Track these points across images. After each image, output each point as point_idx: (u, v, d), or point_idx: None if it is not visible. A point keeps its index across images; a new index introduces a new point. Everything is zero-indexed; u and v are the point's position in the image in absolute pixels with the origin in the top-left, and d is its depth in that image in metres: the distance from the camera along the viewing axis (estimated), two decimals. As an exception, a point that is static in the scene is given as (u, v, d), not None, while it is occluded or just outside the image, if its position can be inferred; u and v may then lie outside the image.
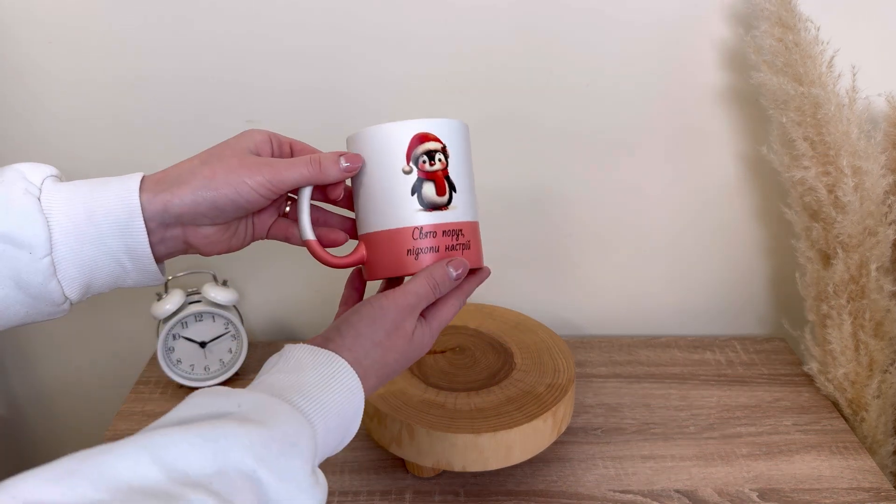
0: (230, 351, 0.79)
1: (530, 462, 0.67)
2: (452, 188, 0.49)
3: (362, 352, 0.45)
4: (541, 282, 0.87)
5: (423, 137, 0.48)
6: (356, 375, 0.43)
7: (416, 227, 0.48)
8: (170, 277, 0.77)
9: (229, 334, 0.79)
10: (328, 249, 0.50)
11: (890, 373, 0.73)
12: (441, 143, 0.49)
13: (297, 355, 0.43)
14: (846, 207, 0.69)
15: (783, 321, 0.87)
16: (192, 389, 0.79)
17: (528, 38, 0.75)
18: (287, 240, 0.53)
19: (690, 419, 0.74)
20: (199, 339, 0.78)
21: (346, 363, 0.43)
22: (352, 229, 0.53)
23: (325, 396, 0.41)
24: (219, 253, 0.50)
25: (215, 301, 0.76)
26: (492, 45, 0.75)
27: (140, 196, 0.45)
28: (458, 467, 0.61)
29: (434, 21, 0.74)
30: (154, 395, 0.79)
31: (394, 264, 0.49)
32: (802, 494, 0.64)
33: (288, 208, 0.54)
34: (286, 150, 0.51)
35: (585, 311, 0.90)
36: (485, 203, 0.83)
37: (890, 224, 0.70)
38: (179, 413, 0.37)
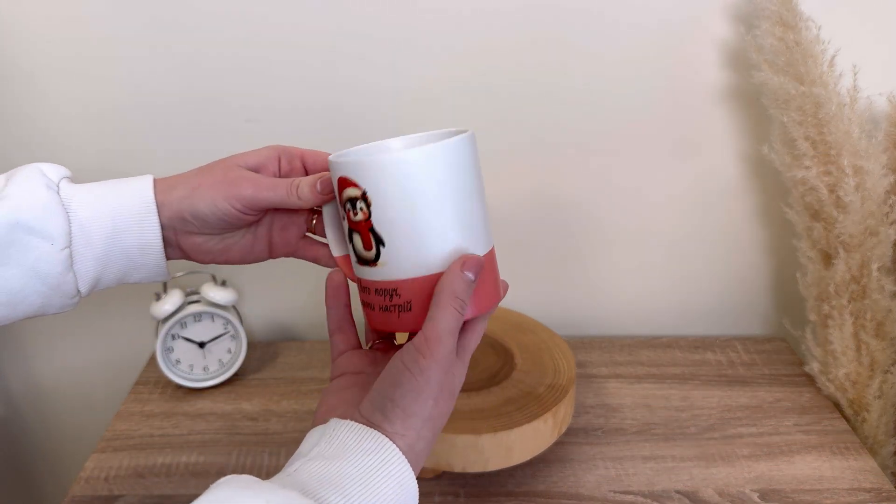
0: (229, 351, 0.79)
1: (531, 463, 0.67)
2: (379, 242, 0.41)
3: (414, 434, 0.39)
4: (541, 282, 0.87)
5: (343, 182, 0.41)
6: (408, 465, 0.38)
7: (358, 280, 0.44)
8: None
9: (228, 334, 0.79)
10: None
11: (891, 373, 0.73)
12: (360, 188, 0.40)
13: (341, 435, 0.38)
14: (847, 207, 0.69)
15: (784, 321, 0.86)
16: (192, 390, 0.78)
17: (530, 39, 0.75)
18: (316, 260, 0.51)
19: (691, 420, 0.74)
20: (198, 340, 0.78)
21: (398, 450, 0.38)
22: None
23: (369, 493, 0.36)
24: (214, 262, 0.50)
25: (214, 301, 0.76)
26: (493, 46, 0.75)
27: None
28: (458, 468, 0.61)
29: (436, 23, 0.74)
30: (153, 396, 0.78)
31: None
32: (803, 495, 0.64)
33: (315, 221, 0.51)
34: (297, 164, 0.50)
35: (586, 312, 0.90)
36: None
37: (891, 224, 0.70)
38: None
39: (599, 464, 0.68)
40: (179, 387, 0.79)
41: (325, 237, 0.48)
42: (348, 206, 0.41)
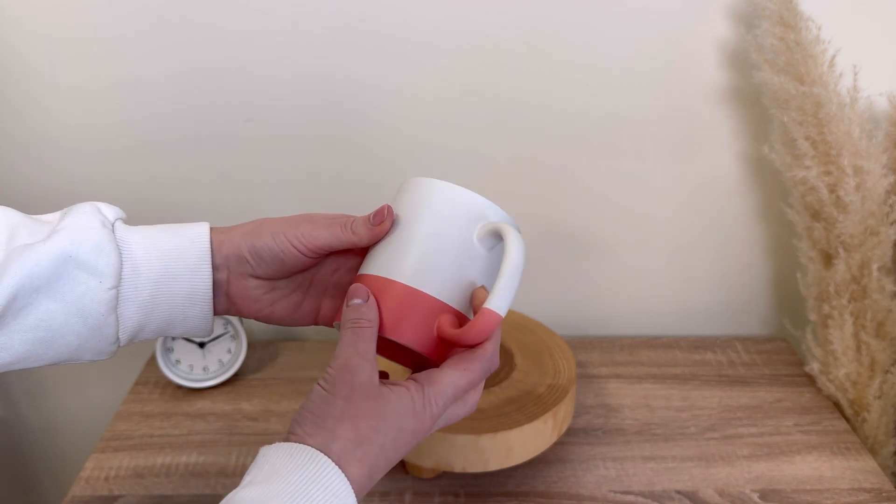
0: (229, 351, 0.79)
1: (531, 463, 0.67)
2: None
3: (328, 434, 0.40)
4: (541, 282, 0.87)
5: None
6: (342, 475, 0.38)
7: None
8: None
9: (228, 334, 0.79)
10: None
11: (891, 373, 0.73)
12: None
13: (270, 459, 0.39)
14: (848, 207, 0.69)
15: (784, 321, 0.86)
16: (192, 390, 0.78)
17: (529, 39, 0.75)
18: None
19: (691, 420, 0.74)
20: (197, 340, 0.77)
21: (330, 461, 0.38)
22: None
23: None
24: (258, 316, 0.49)
25: (214, 301, 0.76)
26: (493, 45, 0.75)
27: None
28: (458, 468, 0.61)
29: (436, 21, 0.74)
30: (153, 396, 0.78)
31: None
32: (804, 495, 0.64)
33: None
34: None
35: (586, 312, 0.90)
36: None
37: (891, 224, 0.70)
38: None
39: (599, 464, 0.68)
40: (179, 387, 0.79)
41: None
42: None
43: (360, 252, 0.49)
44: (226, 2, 0.73)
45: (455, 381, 0.42)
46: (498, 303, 0.42)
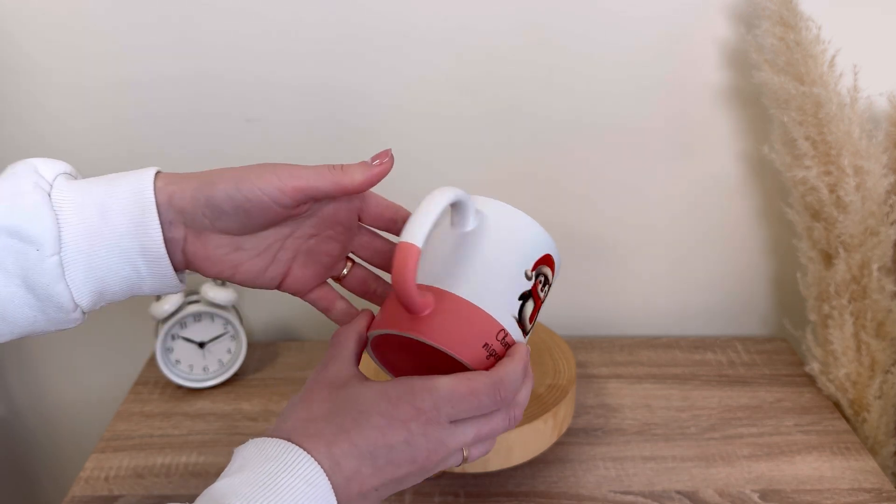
0: (229, 351, 0.79)
1: (530, 463, 0.67)
2: (534, 322, 0.44)
3: (299, 422, 0.39)
4: (541, 282, 0.87)
5: (549, 261, 0.44)
6: (317, 465, 0.37)
7: (504, 330, 0.41)
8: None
9: (228, 334, 0.79)
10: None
11: (892, 373, 0.73)
12: (553, 276, 0.45)
13: (243, 453, 0.38)
14: (848, 207, 0.69)
15: (784, 321, 0.86)
16: (191, 390, 0.78)
17: (529, 39, 0.75)
18: (327, 311, 0.47)
19: (691, 420, 0.74)
20: (197, 340, 0.77)
21: (304, 452, 0.37)
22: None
23: (270, 496, 0.35)
24: (221, 275, 0.44)
25: (214, 301, 0.76)
26: (494, 45, 0.75)
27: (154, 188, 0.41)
28: (458, 468, 0.61)
29: (436, 18, 0.74)
30: (153, 396, 0.78)
31: (461, 344, 0.40)
32: (804, 495, 0.64)
33: (346, 270, 0.48)
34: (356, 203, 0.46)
35: (586, 312, 0.90)
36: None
37: (892, 224, 0.70)
38: None
39: (599, 464, 0.68)
40: (179, 387, 0.79)
41: (351, 291, 0.48)
42: (542, 279, 0.44)
43: (345, 220, 0.45)
44: (226, 2, 0.73)
45: (451, 382, 0.39)
46: (410, 232, 0.38)
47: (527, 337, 0.43)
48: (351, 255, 0.48)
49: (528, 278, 0.42)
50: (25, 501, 1.02)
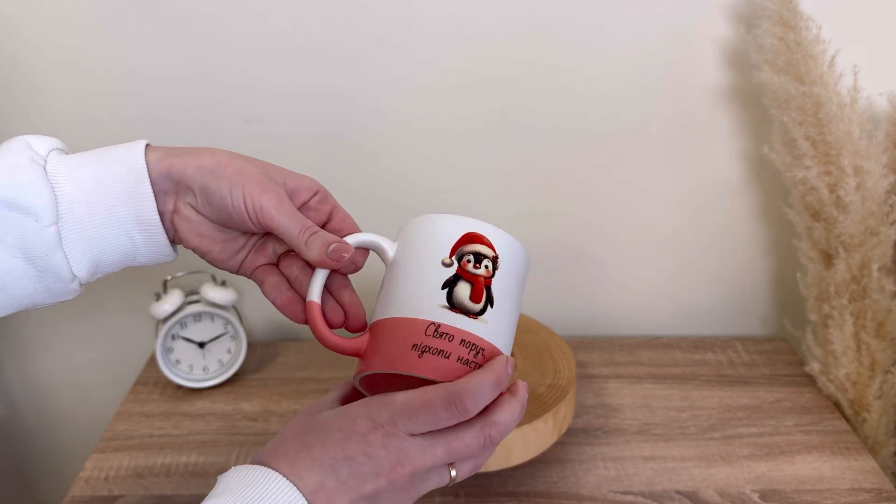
0: (229, 351, 0.79)
1: (531, 463, 0.67)
2: (490, 301, 0.43)
3: (281, 443, 0.40)
4: (541, 282, 0.87)
5: (476, 238, 0.44)
6: (287, 482, 0.38)
7: (433, 323, 0.42)
8: (168, 277, 0.77)
9: (228, 335, 0.79)
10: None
11: (892, 373, 0.73)
12: (494, 252, 0.44)
13: (226, 479, 0.39)
14: (848, 207, 0.69)
15: (784, 321, 0.86)
16: (191, 390, 0.78)
17: (529, 39, 0.75)
18: (262, 283, 0.48)
19: (691, 420, 0.74)
20: (197, 340, 0.77)
21: (281, 476, 0.38)
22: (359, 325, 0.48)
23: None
24: (199, 249, 0.46)
25: (214, 301, 0.76)
26: (493, 45, 0.75)
27: (146, 159, 0.43)
28: (458, 468, 0.61)
29: (435, 20, 0.74)
30: (153, 396, 0.78)
31: (392, 357, 0.42)
32: (804, 495, 0.64)
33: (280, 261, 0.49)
34: (325, 209, 0.47)
35: (586, 312, 0.90)
36: (484, 203, 0.83)
37: (892, 224, 0.70)
38: None
39: (599, 464, 0.68)
40: (179, 387, 0.79)
41: (291, 272, 0.48)
42: (470, 257, 0.44)
43: (301, 259, 0.46)
44: (227, 2, 0.73)
45: (406, 396, 0.40)
46: (309, 292, 0.45)
47: (490, 313, 0.43)
48: None
49: (448, 265, 0.43)
50: (25, 501, 1.02)
